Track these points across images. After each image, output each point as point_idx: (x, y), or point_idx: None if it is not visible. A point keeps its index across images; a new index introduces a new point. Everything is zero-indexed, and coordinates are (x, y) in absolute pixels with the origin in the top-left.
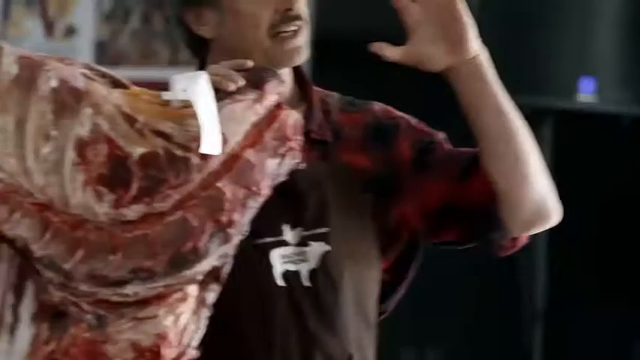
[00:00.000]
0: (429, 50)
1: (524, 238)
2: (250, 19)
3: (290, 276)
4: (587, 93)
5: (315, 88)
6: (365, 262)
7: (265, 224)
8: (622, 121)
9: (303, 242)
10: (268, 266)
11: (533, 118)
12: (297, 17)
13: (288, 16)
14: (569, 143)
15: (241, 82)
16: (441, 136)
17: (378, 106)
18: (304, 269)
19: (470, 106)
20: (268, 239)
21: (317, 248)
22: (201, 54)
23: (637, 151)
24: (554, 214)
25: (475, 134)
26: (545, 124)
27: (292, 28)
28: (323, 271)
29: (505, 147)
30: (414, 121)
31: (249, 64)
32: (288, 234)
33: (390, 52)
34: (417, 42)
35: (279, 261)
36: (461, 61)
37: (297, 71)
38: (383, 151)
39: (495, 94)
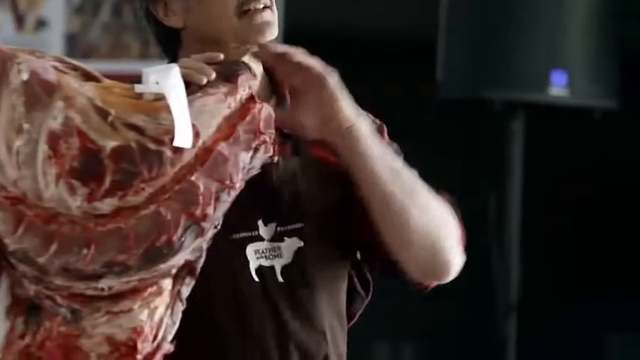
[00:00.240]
0: (303, 120)
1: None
2: (217, 1)
3: (264, 271)
4: (558, 86)
5: None
6: (337, 259)
7: (240, 219)
8: (593, 115)
9: (277, 238)
10: (245, 261)
11: (505, 112)
12: None
13: None
14: (540, 136)
15: (213, 75)
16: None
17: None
18: (278, 265)
19: (351, 174)
20: (244, 234)
21: (291, 244)
22: (172, 47)
23: (608, 144)
24: (450, 270)
25: None
26: (517, 118)
27: (259, 6)
28: (297, 267)
29: (384, 217)
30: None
31: (221, 57)
32: (263, 229)
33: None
34: (293, 108)
35: (254, 256)
36: (333, 135)
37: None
38: None
39: (371, 166)
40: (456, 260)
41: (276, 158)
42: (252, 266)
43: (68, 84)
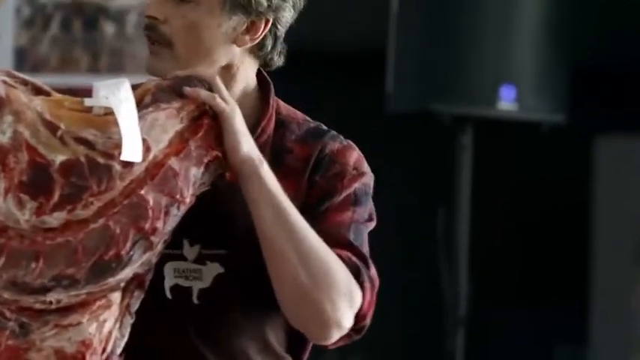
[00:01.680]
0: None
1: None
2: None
3: (180, 291)
4: (507, 101)
5: (293, 113)
6: (262, 290)
7: None
8: (541, 129)
9: (200, 260)
10: (159, 277)
11: (454, 126)
12: (148, 26)
13: (145, 23)
14: (489, 151)
15: (164, 88)
16: (348, 193)
17: (338, 145)
18: (196, 287)
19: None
20: (166, 250)
21: (212, 269)
22: None
23: (556, 158)
24: (327, 330)
25: None
26: (466, 132)
27: (150, 38)
28: (215, 293)
29: (267, 259)
30: (349, 175)
31: (175, 73)
32: (187, 249)
33: None
34: None
35: (172, 274)
36: (233, 167)
37: (262, 88)
38: (305, 184)
39: (256, 207)
40: (335, 320)
41: (227, 174)
42: (168, 283)
43: (17, 98)
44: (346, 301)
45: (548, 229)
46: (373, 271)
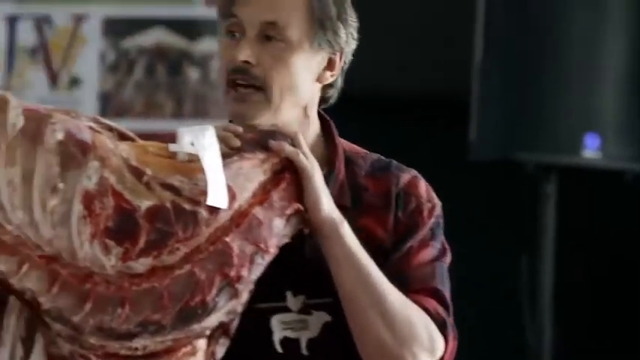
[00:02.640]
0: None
1: None
2: (220, 66)
3: (289, 343)
4: (591, 149)
5: (354, 148)
6: None
7: (268, 288)
8: (625, 177)
9: (305, 310)
10: (267, 332)
11: (538, 174)
12: (239, 69)
13: (234, 67)
14: (572, 199)
15: (248, 140)
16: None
17: (407, 176)
18: (304, 337)
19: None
20: (270, 304)
21: (319, 318)
22: None
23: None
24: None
25: None
26: (549, 180)
27: (241, 82)
28: (323, 342)
29: (348, 316)
30: (426, 210)
31: (239, 129)
32: (291, 300)
33: None
34: None
35: (279, 327)
36: (312, 224)
37: (326, 131)
38: (392, 221)
39: (337, 267)
40: None
41: (307, 230)
42: (277, 337)
43: (103, 144)
44: (428, 352)
45: (633, 277)
46: (451, 318)
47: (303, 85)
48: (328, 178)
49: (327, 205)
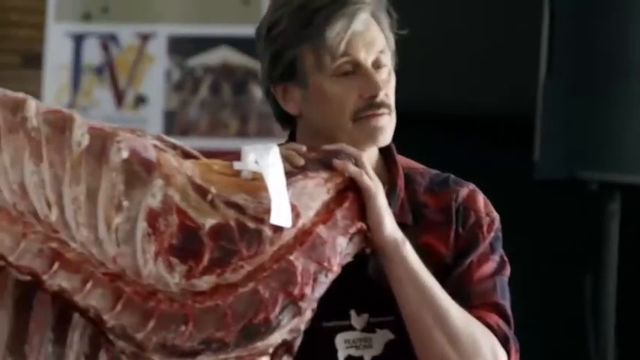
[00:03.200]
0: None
1: None
2: (335, 102)
3: None
4: None
5: (411, 164)
6: None
7: (332, 307)
8: None
9: (369, 328)
10: (332, 350)
11: (602, 193)
12: (381, 104)
13: (372, 103)
14: (637, 217)
15: (312, 159)
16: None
17: (466, 190)
18: (368, 356)
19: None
20: (334, 323)
21: (382, 336)
22: (290, 127)
23: None
24: None
25: None
26: (614, 199)
27: (379, 111)
28: (386, 359)
29: (411, 335)
30: (486, 225)
31: (303, 148)
32: (355, 319)
33: None
34: None
35: (343, 345)
36: (375, 244)
37: (385, 152)
38: (454, 237)
39: (399, 287)
40: None
41: (369, 250)
42: (341, 355)
43: (167, 162)
44: None
45: None
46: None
47: None
48: (390, 197)
49: (389, 225)
